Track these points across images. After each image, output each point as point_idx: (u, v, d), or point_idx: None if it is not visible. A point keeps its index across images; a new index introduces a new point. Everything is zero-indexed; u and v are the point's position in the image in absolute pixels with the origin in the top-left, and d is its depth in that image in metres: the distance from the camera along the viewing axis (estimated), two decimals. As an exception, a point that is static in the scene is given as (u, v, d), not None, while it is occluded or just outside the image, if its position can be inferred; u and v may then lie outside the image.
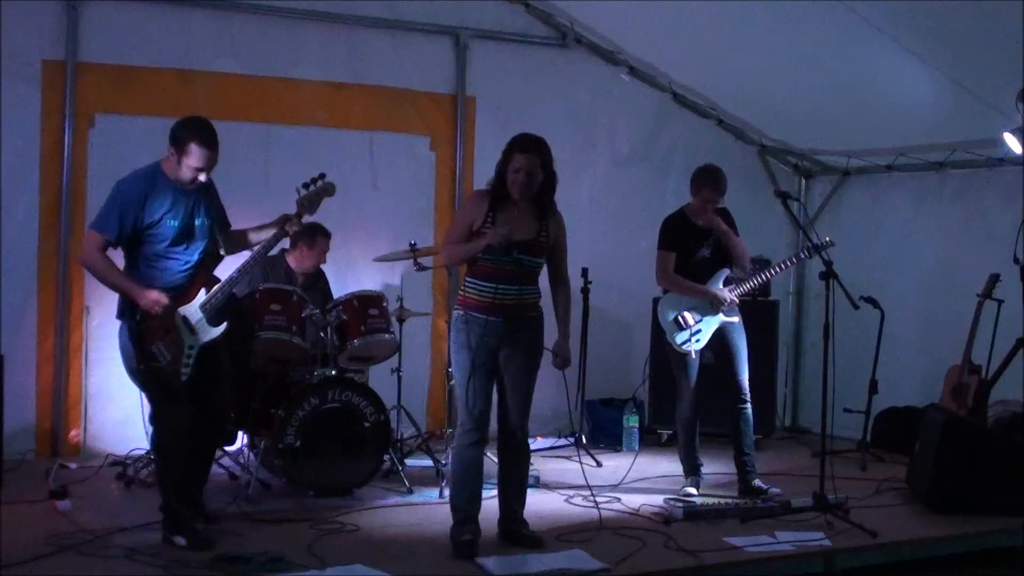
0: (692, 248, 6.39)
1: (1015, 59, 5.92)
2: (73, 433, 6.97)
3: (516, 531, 5.36)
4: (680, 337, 6.37)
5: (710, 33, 7.27)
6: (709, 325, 6.37)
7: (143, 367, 5.01)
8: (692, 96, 8.51)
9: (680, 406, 6.51)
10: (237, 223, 7.01)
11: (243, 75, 7.33)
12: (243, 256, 5.37)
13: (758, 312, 7.95)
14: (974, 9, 5.85)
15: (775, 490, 6.34)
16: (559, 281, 5.46)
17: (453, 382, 5.49)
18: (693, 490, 6.37)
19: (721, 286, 6.38)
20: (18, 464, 6.46)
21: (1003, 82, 6.19)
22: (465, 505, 5.23)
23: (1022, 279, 6.42)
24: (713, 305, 6.35)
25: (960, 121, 7.10)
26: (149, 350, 5.00)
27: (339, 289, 7.05)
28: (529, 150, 5.31)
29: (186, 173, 5.07)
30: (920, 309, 7.85)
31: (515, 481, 5.42)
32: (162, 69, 7.09)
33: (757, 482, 6.43)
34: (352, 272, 7.54)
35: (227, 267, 5.42)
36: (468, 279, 5.29)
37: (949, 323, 7.37)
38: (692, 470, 6.50)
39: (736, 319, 6.42)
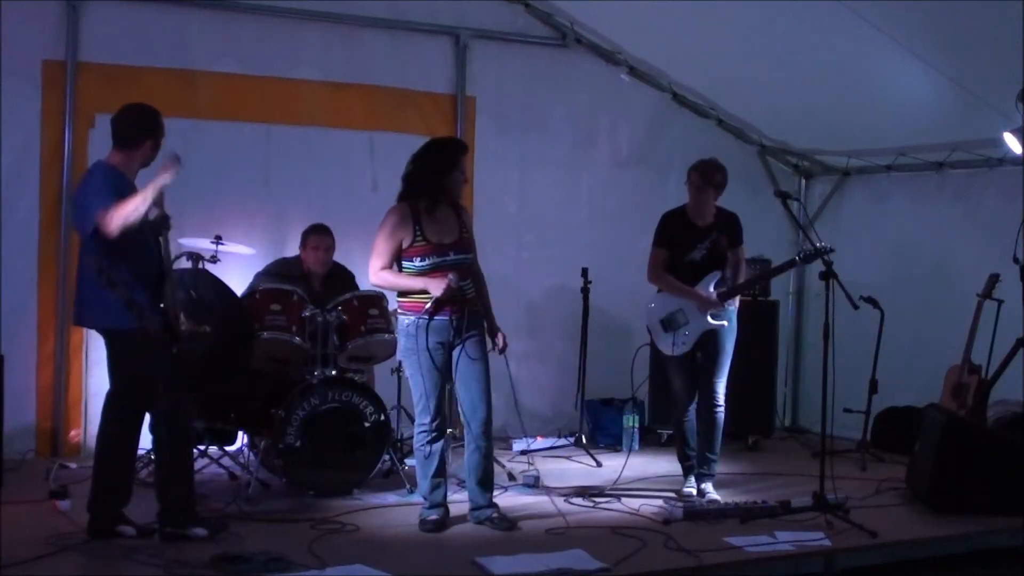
0: (685, 248, 6.26)
1: (1015, 59, 5.92)
2: (73, 433, 6.97)
3: (490, 516, 5.57)
4: (665, 339, 6.32)
5: (710, 33, 7.27)
6: (696, 328, 6.22)
7: (176, 350, 5.06)
8: (692, 96, 8.51)
9: (674, 408, 6.46)
10: (237, 223, 7.06)
11: (243, 75, 7.33)
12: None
13: (758, 312, 7.97)
14: (974, 9, 5.85)
15: (713, 496, 6.21)
16: (473, 271, 5.66)
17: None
18: (692, 490, 6.36)
19: (712, 289, 6.20)
20: (18, 464, 6.45)
21: (1003, 82, 6.19)
22: (429, 493, 5.59)
23: (1022, 279, 6.42)
24: (701, 308, 6.21)
25: (960, 121, 7.10)
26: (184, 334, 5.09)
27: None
28: (467, 150, 5.70)
29: (157, 153, 5.16)
30: (920, 309, 7.84)
31: (483, 468, 5.62)
32: (162, 69, 7.09)
33: (705, 485, 6.30)
34: (352, 272, 7.54)
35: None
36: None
37: (949, 323, 7.36)
38: (689, 469, 6.48)
39: (724, 323, 6.24)
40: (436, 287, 5.38)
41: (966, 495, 5.98)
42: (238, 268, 6.86)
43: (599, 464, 7.23)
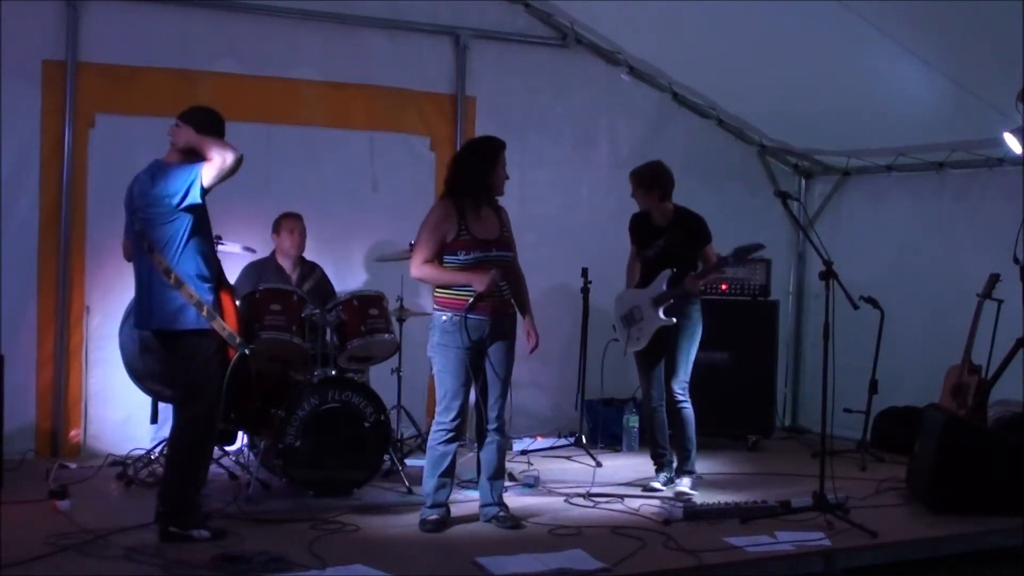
0: (644, 245, 6.53)
1: (1015, 59, 5.92)
2: (73, 433, 6.97)
3: (496, 514, 5.60)
4: (623, 335, 6.50)
5: (710, 33, 7.27)
6: (649, 325, 6.37)
7: (249, 351, 5.18)
8: (692, 96, 8.51)
9: (643, 403, 6.67)
10: (237, 223, 7.06)
11: (243, 75, 7.33)
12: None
13: (758, 312, 7.98)
14: (974, 9, 5.85)
15: (686, 491, 6.27)
16: (513, 270, 5.69)
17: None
18: (657, 484, 6.40)
19: (664, 287, 6.33)
20: (18, 464, 6.45)
21: (1003, 82, 6.19)
22: (434, 492, 5.56)
23: (1022, 279, 6.41)
24: (653, 306, 6.34)
25: (960, 121, 7.10)
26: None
27: (339, 289, 7.05)
28: (505, 147, 5.69)
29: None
30: (920, 309, 7.84)
31: (498, 468, 5.66)
32: (162, 69, 7.09)
33: (682, 480, 6.38)
34: (352, 272, 7.55)
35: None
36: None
37: (949, 323, 7.36)
38: (660, 466, 6.56)
39: (673, 321, 6.32)
40: (479, 282, 5.40)
41: (966, 495, 5.98)
42: (238, 268, 6.86)
43: (599, 464, 7.22)
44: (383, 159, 7.74)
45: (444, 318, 5.50)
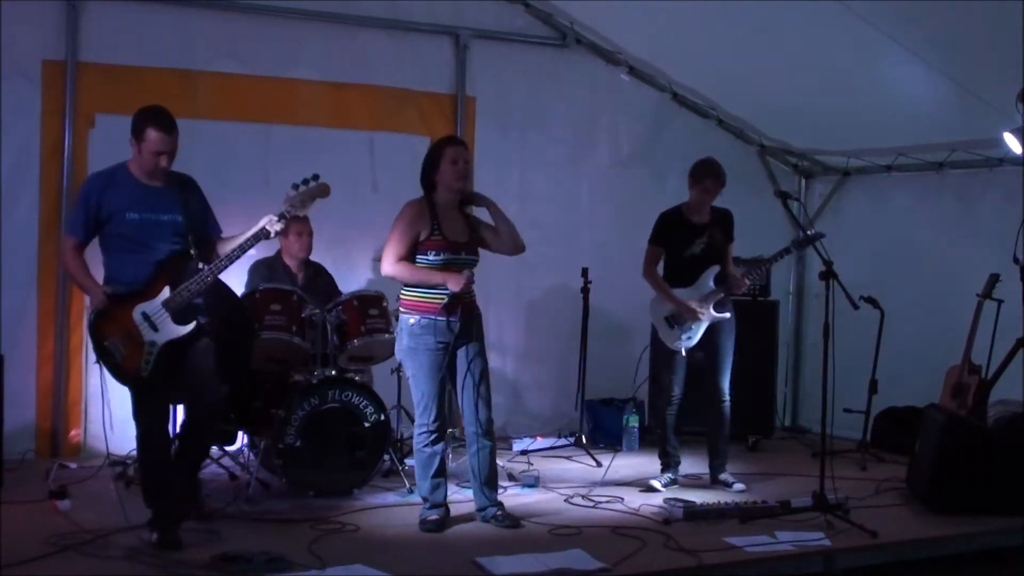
0: (685, 244, 6.47)
1: (1015, 59, 5.93)
2: (73, 433, 6.97)
3: (495, 514, 5.59)
4: (670, 335, 6.45)
5: (710, 33, 7.27)
6: (701, 323, 6.41)
7: (98, 363, 5.07)
8: (692, 96, 8.51)
9: (660, 401, 6.62)
10: (237, 223, 6.98)
11: (243, 75, 7.33)
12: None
13: (758, 312, 7.98)
14: (974, 9, 5.85)
15: (739, 485, 6.46)
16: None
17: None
18: (657, 484, 6.40)
19: (711, 283, 6.41)
20: (18, 464, 6.45)
21: (1003, 82, 6.20)
22: (430, 493, 5.58)
23: (1022, 279, 6.42)
24: (685, 312, 6.38)
25: (960, 121, 7.10)
26: (103, 345, 5.02)
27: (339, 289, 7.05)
28: (457, 142, 5.67)
29: (148, 161, 5.13)
30: (920, 309, 7.84)
31: (490, 468, 5.64)
32: (162, 69, 7.09)
33: (724, 475, 6.54)
34: (352, 272, 7.54)
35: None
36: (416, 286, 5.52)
37: (949, 323, 7.36)
38: (666, 466, 6.57)
39: (727, 315, 6.44)
40: (455, 282, 5.40)
41: (966, 495, 5.98)
42: (238, 268, 6.84)
43: (599, 464, 7.22)
44: (383, 159, 7.74)
45: (412, 321, 5.50)
